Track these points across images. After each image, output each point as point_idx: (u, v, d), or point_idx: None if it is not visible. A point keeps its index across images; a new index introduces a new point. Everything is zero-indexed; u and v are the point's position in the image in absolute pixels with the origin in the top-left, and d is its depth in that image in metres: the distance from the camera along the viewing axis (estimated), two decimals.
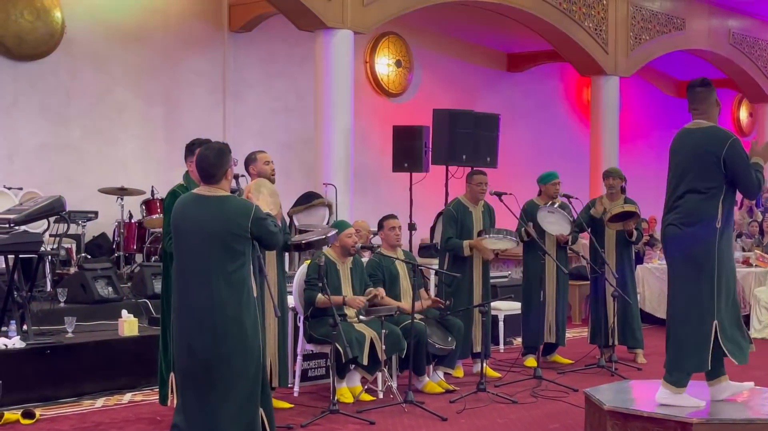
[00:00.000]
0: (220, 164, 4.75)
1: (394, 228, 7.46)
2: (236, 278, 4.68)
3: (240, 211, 4.72)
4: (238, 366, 4.69)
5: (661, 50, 15.32)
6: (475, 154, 11.18)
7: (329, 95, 10.86)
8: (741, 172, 5.24)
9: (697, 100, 5.48)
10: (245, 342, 4.71)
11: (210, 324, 4.67)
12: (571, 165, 14.54)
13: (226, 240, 4.66)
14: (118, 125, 11.18)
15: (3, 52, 10.28)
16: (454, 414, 6.50)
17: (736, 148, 5.24)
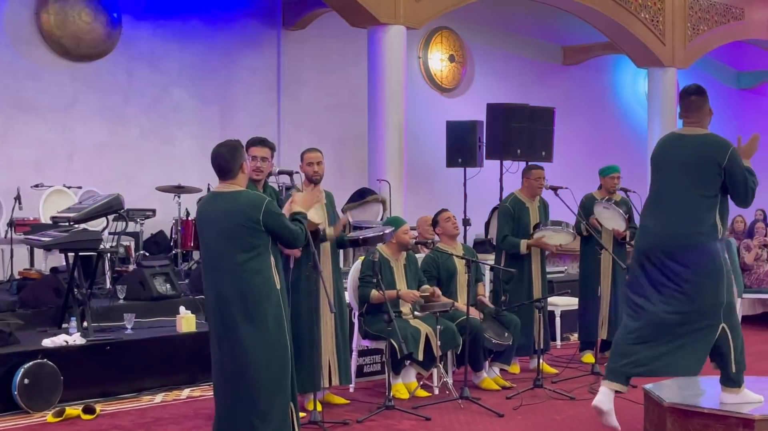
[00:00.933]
0: (234, 159, 4.83)
1: (450, 218, 7.43)
2: (251, 270, 4.72)
3: (251, 204, 4.76)
4: (260, 358, 4.73)
5: (719, 41, 15.05)
6: (530, 148, 11.10)
7: (382, 91, 10.85)
8: (741, 180, 5.17)
9: (691, 108, 5.39)
10: (266, 334, 4.74)
11: (230, 318, 4.75)
12: (628, 158, 14.33)
13: (239, 233, 4.72)
14: (174, 124, 11.30)
15: (62, 53, 10.45)
16: (510, 411, 6.46)
17: (736, 156, 5.18)
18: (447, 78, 14.22)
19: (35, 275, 8.46)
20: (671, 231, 5.20)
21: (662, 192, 5.32)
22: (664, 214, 5.26)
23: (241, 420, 4.76)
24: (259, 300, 4.73)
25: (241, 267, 4.72)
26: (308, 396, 6.36)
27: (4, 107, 10.09)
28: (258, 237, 4.74)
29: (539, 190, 7.89)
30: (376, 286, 6.63)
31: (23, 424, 6.02)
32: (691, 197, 5.19)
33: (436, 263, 7.36)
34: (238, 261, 4.72)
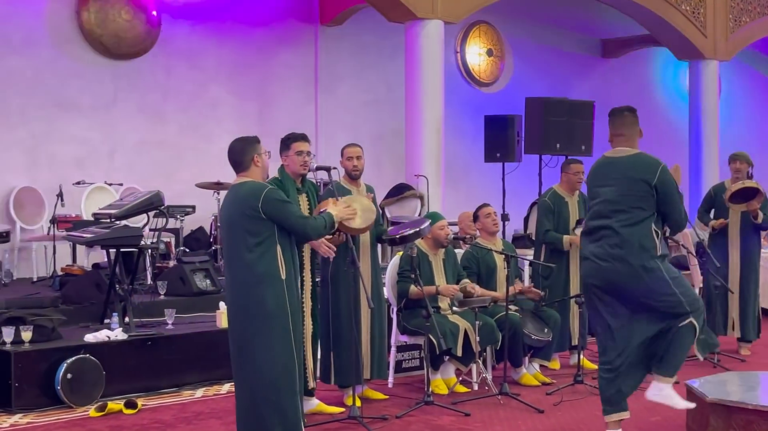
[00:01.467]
0: (245, 151, 4.92)
1: (490, 215, 7.40)
2: (254, 260, 4.77)
3: (250, 192, 4.82)
4: (262, 344, 4.78)
5: (762, 32, 14.83)
6: (570, 142, 11.03)
7: (420, 86, 10.83)
8: (672, 199, 5.11)
9: (624, 125, 5.38)
10: (268, 321, 4.79)
11: (236, 307, 4.87)
12: (668, 152, 14.13)
13: (241, 222, 4.80)
14: (212, 121, 11.37)
15: (102, 51, 10.55)
16: (550, 407, 6.43)
17: (667, 174, 5.13)
18: (485, 72, 14.16)
19: (77, 271, 8.57)
20: (614, 261, 5.13)
21: (601, 218, 5.25)
22: (605, 242, 5.20)
23: (253, 410, 4.84)
24: (261, 289, 4.78)
25: (245, 255, 4.79)
26: (347, 392, 6.37)
27: (46, 105, 10.21)
28: (259, 225, 4.78)
29: (578, 184, 7.83)
30: (415, 282, 6.63)
31: (66, 419, 6.09)
32: (628, 222, 5.11)
33: (475, 259, 7.33)
34: (242, 249, 4.80)
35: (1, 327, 6.42)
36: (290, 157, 5.96)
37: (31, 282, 9.02)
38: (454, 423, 6.02)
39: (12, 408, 6.21)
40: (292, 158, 5.94)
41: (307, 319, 5.99)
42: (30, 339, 6.44)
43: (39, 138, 10.16)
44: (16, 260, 9.68)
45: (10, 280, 8.89)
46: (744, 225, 8.32)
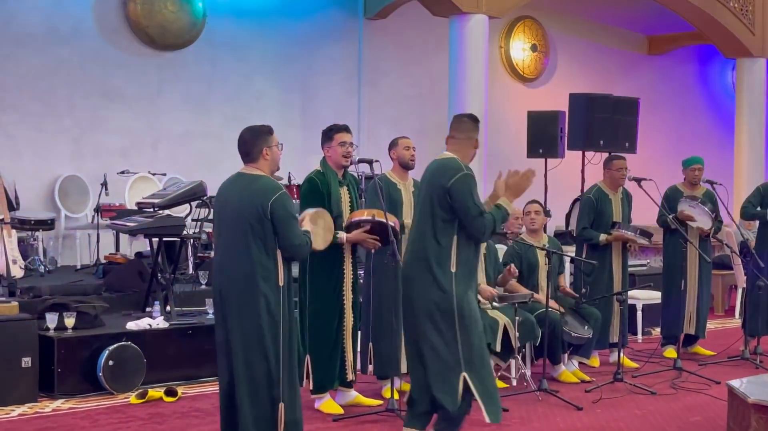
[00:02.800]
0: (255, 143, 4.72)
1: (530, 212, 7.36)
2: (255, 259, 4.58)
3: (264, 188, 4.62)
4: (254, 344, 4.60)
5: None
6: (614, 139, 10.94)
7: (463, 81, 10.80)
8: (462, 209, 4.81)
9: (460, 129, 5.16)
10: (263, 323, 4.59)
11: (229, 303, 4.64)
12: (714, 150, 14.03)
13: (249, 216, 4.59)
14: (256, 112, 11.40)
15: (148, 42, 10.64)
16: (589, 404, 6.39)
17: (464, 182, 4.84)
18: (529, 68, 14.08)
19: (120, 259, 8.66)
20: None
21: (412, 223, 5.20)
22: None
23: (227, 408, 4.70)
24: (252, 292, 4.58)
25: (246, 252, 4.59)
26: (385, 384, 6.38)
27: (92, 96, 10.32)
28: (265, 226, 4.59)
29: (622, 180, 7.76)
30: None
31: (107, 405, 6.17)
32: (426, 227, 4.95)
33: (518, 255, 7.29)
34: (246, 245, 4.59)
35: (45, 314, 6.51)
36: (332, 148, 5.97)
37: (75, 269, 9.13)
38: None
39: (54, 393, 6.31)
40: (335, 149, 5.95)
41: (347, 312, 6.00)
42: (73, 325, 6.53)
43: (84, 127, 10.28)
44: (61, 248, 9.81)
45: (54, 268, 9.01)
46: None
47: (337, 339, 5.98)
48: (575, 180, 11.35)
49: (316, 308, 5.95)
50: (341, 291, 5.98)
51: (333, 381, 6.02)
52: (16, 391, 6.18)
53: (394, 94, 12.64)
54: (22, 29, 9.88)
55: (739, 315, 10.49)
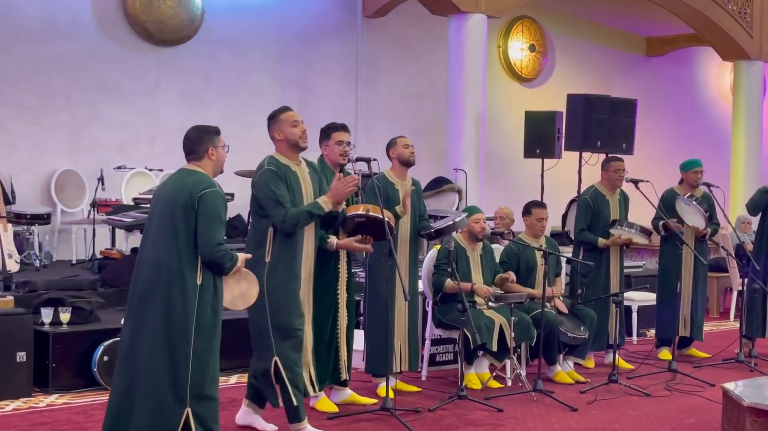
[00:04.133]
0: (201, 141, 4.62)
1: (542, 220, 7.32)
2: (176, 256, 4.44)
3: (196, 183, 4.49)
4: (156, 349, 4.45)
5: None
6: (611, 140, 10.95)
7: (461, 80, 10.81)
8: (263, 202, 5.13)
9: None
10: (164, 325, 4.45)
11: (145, 302, 4.50)
12: (711, 153, 14.05)
13: (177, 210, 4.47)
14: (254, 109, 11.39)
15: (146, 37, 10.62)
16: (584, 405, 6.39)
17: (262, 177, 5.13)
18: (527, 68, 14.09)
19: (116, 255, 8.65)
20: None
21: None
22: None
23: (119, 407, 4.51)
24: (170, 285, 4.45)
25: (167, 245, 4.46)
26: (380, 382, 6.39)
27: (89, 90, 10.31)
28: (190, 218, 4.47)
29: (619, 182, 7.77)
30: (451, 275, 6.61)
31: (102, 400, 6.14)
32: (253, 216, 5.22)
33: (515, 255, 7.29)
34: (167, 238, 4.47)
35: (41, 308, 6.50)
36: (330, 146, 5.96)
37: (70, 264, 9.12)
38: (486, 419, 6.00)
39: (49, 388, 6.29)
40: (332, 148, 5.95)
41: (341, 311, 5.99)
42: (68, 320, 6.51)
43: (81, 122, 10.26)
44: (56, 242, 9.80)
45: (49, 262, 9.00)
46: None
47: (331, 338, 5.97)
48: (572, 180, 11.36)
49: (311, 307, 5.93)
50: (336, 290, 5.97)
51: (326, 379, 6.01)
52: (11, 386, 6.16)
53: (392, 92, 12.64)
54: (19, 22, 9.86)
55: (734, 318, 10.51)
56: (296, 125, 5.44)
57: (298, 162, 5.41)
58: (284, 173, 5.25)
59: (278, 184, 5.16)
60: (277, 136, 5.41)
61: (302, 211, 5.19)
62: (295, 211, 5.15)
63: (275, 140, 5.43)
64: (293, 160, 5.39)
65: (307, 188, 5.40)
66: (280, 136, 5.40)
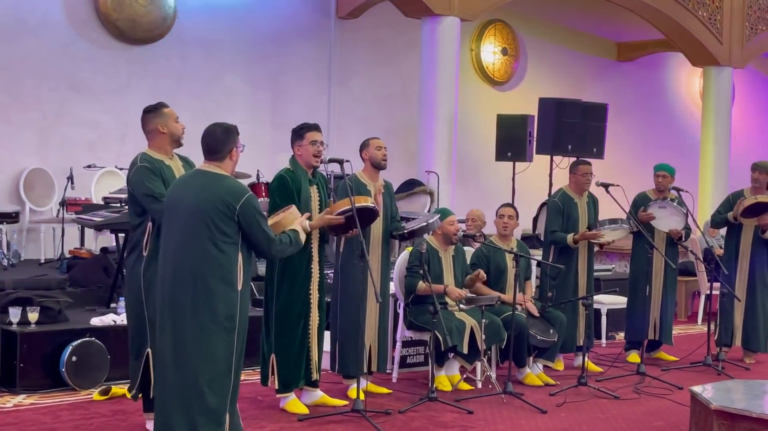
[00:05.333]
0: (226, 141, 4.63)
1: (503, 216, 7.37)
2: (215, 261, 4.47)
3: (232, 191, 4.52)
4: (202, 353, 4.49)
5: None
6: (582, 144, 11.01)
7: (434, 82, 10.83)
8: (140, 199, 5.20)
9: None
10: (213, 329, 4.48)
11: (180, 304, 4.51)
12: (680, 158, 14.13)
13: (212, 217, 4.47)
14: (225, 109, 11.35)
15: (117, 35, 10.54)
16: (553, 408, 6.42)
17: (137, 174, 5.20)
18: (499, 71, 14.13)
19: (85, 254, 8.58)
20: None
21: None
22: None
23: (178, 417, 4.51)
24: (214, 294, 4.47)
25: (205, 253, 4.47)
26: (351, 384, 6.38)
27: (59, 87, 10.22)
28: (230, 227, 4.48)
29: (586, 185, 7.82)
30: (423, 278, 6.62)
31: (70, 401, 6.11)
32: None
33: (486, 257, 7.32)
34: (204, 247, 4.47)
35: (8, 308, 6.44)
36: (303, 146, 5.95)
37: (39, 263, 9.04)
38: (456, 421, 6.01)
39: (16, 388, 6.23)
40: (306, 148, 5.94)
41: (313, 311, 5.99)
42: (36, 320, 6.46)
43: (51, 120, 10.17)
44: (24, 241, 9.70)
45: (17, 261, 8.90)
46: (756, 238, 8.32)
47: (303, 339, 5.96)
48: (543, 184, 11.41)
49: (282, 307, 5.93)
50: (308, 291, 5.96)
51: (298, 380, 6.01)
52: None
53: (364, 94, 12.63)
54: None
55: (701, 322, 10.60)
56: (178, 121, 5.47)
57: (171, 157, 5.40)
58: (158, 168, 5.25)
59: (153, 179, 5.17)
60: (161, 129, 5.37)
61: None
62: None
63: (156, 133, 5.38)
64: (167, 154, 5.38)
65: None
66: (164, 130, 5.38)
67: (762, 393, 5.64)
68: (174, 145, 5.40)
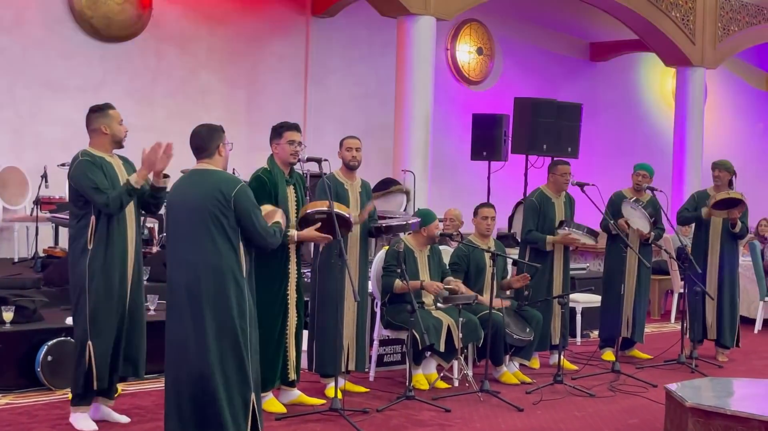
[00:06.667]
0: (212, 138, 4.81)
1: (487, 218, 7.38)
2: (218, 252, 4.63)
3: (224, 182, 4.70)
4: (217, 344, 4.64)
5: (749, 42, 14.95)
6: (557, 143, 11.06)
7: (410, 82, 10.84)
8: (84, 191, 5.36)
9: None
10: (225, 320, 4.65)
11: (196, 299, 4.65)
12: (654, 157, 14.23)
13: (210, 211, 4.64)
14: (201, 107, 11.32)
15: (92, 33, 10.48)
16: (530, 406, 6.46)
17: (79, 168, 5.32)
18: (474, 71, 14.18)
19: (60, 253, 8.52)
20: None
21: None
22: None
23: (193, 404, 4.68)
24: (223, 285, 4.64)
25: (213, 245, 4.64)
26: (329, 383, 6.39)
27: (33, 85, 10.14)
28: (230, 218, 4.66)
29: (565, 185, 7.87)
30: (400, 276, 6.64)
31: (45, 401, 6.07)
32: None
33: (466, 257, 7.34)
34: (211, 238, 4.64)
35: None
36: (281, 145, 5.95)
37: (12, 263, 8.97)
38: (434, 419, 6.03)
39: None
40: (283, 147, 5.94)
41: (291, 311, 5.99)
42: (11, 320, 6.40)
43: (25, 118, 10.10)
44: None
45: None
46: (724, 233, 8.41)
47: (280, 338, 5.96)
48: (518, 183, 11.46)
49: (259, 306, 5.90)
50: (285, 290, 5.96)
51: (274, 380, 6.00)
52: None
53: (340, 93, 12.63)
54: None
55: (674, 320, 10.69)
56: (122, 124, 5.56)
57: (111, 155, 5.52)
58: (99, 163, 5.39)
59: (95, 172, 5.32)
60: (104, 130, 5.48)
61: (120, 191, 5.33)
62: (114, 192, 5.31)
63: (99, 132, 5.48)
64: (107, 152, 5.51)
65: (124, 177, 5.49)
66: (106, 131, 5.48)
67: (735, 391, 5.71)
68: (115, 146, 5.55)
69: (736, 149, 16.84)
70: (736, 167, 8.57)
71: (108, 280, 5.37)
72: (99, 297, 5.34)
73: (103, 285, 5.35)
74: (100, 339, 5.35)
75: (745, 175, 15.34)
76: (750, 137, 18.11)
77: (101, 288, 5.35)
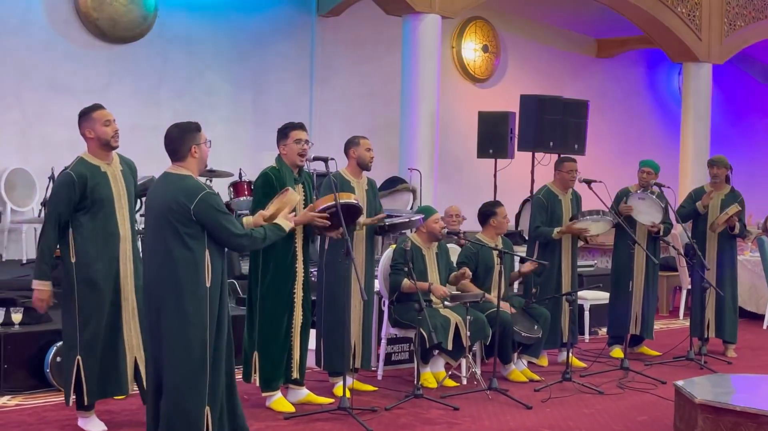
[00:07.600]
0: (183, 139, 4.62)
1: (507, 217, 7.44)
2: (179, 260, 4.52)
3: (186, 191, 4.54)
4: (175, 350, 4.57)
5: (756, 37, 14.88)
6: (563, 140, 11.05)
7: (416, 80, 10.84)
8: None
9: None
10: (184, 328, 4.55)
11: (155, 304, 4.62)
12: (661, 154, 14.20)
13: (170, 218, 4.52)
14: (207, 108, 11.33)
15: (98, 34, 10.49)
16: (539, 403, 6.45)
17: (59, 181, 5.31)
18: (480, 68, 14.17)
19: None
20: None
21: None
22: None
23: (156, 404, 4.69)
24: (182, 292, 4.53)
25: (170, 254, 4.53)
26: (337, 382, 6.39)
27: (40, 87, 10.16)
28: (190, 227, 4.52)
29: (572, 182, 7.86)
30: (408, 275, 6.63)
31: (54, 402, 6.08)
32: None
33: (475, 255, 7.33)
34: (168, 247, 4.53)
35: None
36: (288, 145, 5.96)
37: (21, 264, 8.99)
38: (442, 417, 6.03)
39: (0, 389, 6.19)
40: (291, 147, 5.94)
41: (297, 310, 5.99)
42: (20, 321, 6.43)
43: (32, 120, 10.11)
44: (6, 242, 9.65)
45: None
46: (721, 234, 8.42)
47: (286, 337, 5.97)
48: (525, 180, 11.45)
49: (266, 305, 5.93)
50: (292, 289, 5.97)
51: (279, 378, 6.01)
52: None
53: (346, 92, 12.63)
54: None
55: (683, 316, 10.68)
56: (108, 124, 5.36)
57: (108, 161, 5.37)
58: (85, 177, 5.22)
59: (62, 195, 5.22)
60: (88, 134, 5.34)
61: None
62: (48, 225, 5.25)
63: (86, 138, 5.36)
64: (104, 159, 5.35)
65: (119, 186, 5.36)
66: (91, 134, 5.34)
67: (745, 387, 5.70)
68: (105, 149, 5.36)
69: (743, 144, 16.80)
70: (742, 163, 8.56)
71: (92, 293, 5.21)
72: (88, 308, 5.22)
73: (89, 298, 5.21)
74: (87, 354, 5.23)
75: (754, 170, 15.35)
76: (759, 132, 18.05)
77: (87, 300, 5.21)
